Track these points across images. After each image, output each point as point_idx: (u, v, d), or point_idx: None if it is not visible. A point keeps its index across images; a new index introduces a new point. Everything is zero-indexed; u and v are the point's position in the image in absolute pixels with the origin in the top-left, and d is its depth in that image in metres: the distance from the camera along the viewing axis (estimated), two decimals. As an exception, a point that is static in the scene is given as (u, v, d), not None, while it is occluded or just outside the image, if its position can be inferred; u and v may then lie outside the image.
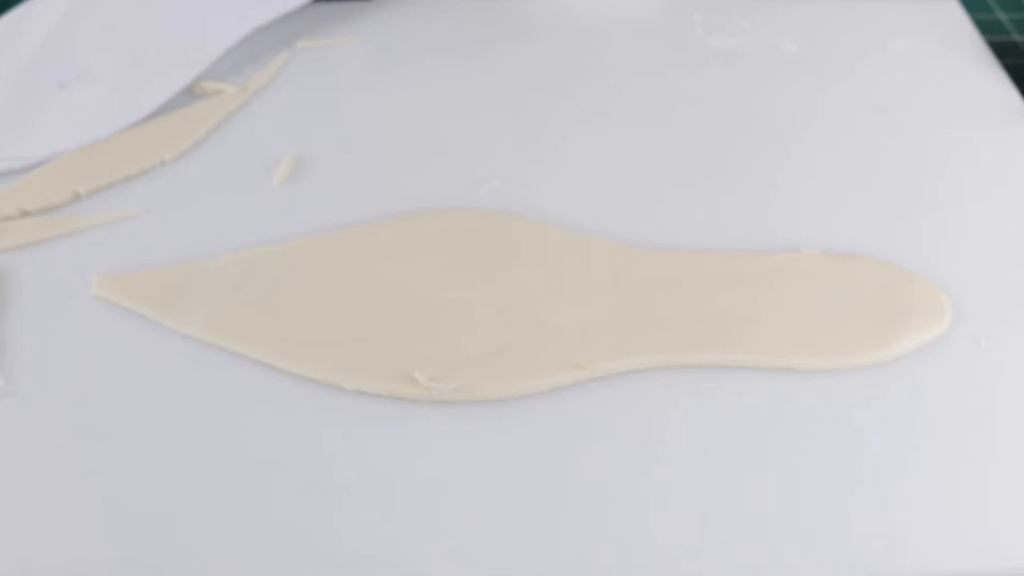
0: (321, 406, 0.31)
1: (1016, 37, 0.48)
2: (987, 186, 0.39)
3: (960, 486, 0.29)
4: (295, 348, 0.32)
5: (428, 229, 0.36)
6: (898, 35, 0.46)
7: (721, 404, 0.31)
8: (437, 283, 0.34)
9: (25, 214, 0.38)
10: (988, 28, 0.48)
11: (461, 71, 0.45)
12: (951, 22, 0.47)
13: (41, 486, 0.29)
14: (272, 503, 0.28)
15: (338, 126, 0.42)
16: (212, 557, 0.27)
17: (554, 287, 0.34)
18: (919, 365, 0.32)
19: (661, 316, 0.33)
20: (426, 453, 0.30)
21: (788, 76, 0.44)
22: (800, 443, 0.30)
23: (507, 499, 0.28)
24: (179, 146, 0.41)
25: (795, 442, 0.30)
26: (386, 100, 0.43)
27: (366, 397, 0.31)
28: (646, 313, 0.33)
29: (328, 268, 0.34)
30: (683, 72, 0.45)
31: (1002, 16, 0.50)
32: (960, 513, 0.28)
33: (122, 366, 0.32)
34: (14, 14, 0.48)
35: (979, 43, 0.46)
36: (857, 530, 0.28)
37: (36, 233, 0.37)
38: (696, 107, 0.42)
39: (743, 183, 0.39)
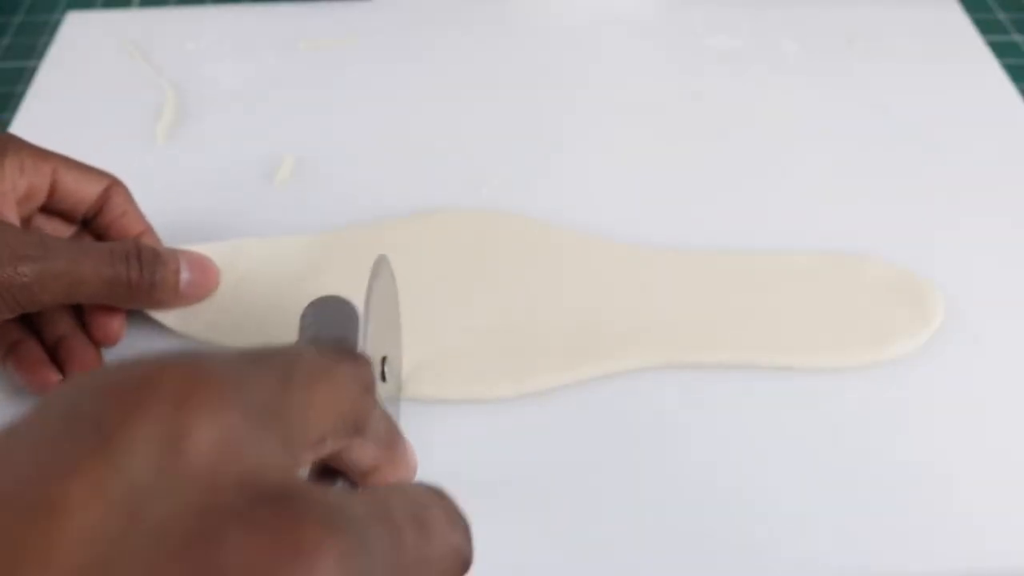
0: (321, 406, 0.31)
1: (1016, 37, 0.48)
2: (986, 185, 0.39)
3: (960, 485, 0.29)
4: (295, 348, 0.32)
5: (428, 229, 0.36)
6: (898, 35, 0.46)
7: (721, 404, 0.31)
8: (437, 283, 0.34)
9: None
10: (988, 28, 0.48)
11: (461, 71, 0.45)
12: (951, 22, 0.47)
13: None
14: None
15: (338, 126, 0.42)
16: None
17: (554, 287, 0.34)
18: (919, 364, 0.32)
19: (661, 316, 0.33)
20: (426, 453, 0.30)
21: (788, 76, 0.44)
22: (800, 442, 0.30)
23: (507, 498, 0.28)
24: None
25: (795, 441, 0.30)
26: (386, 100, 0.43)
27: (366, 397, 0.31)
28: (646, 313, 0.33)
29: (328, 268, 0.34)
30: (683, 72, 0.45)
31: (1002, 16, 0.50)
32: (960, 511, 0.28)
33: (122, 366, 0.32)
34: None
35: (979, 43, 0.46)
36: (857, 528, 0.28)
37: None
38: (696, 107, 0.42)
39: (742, 183, 0.39)
